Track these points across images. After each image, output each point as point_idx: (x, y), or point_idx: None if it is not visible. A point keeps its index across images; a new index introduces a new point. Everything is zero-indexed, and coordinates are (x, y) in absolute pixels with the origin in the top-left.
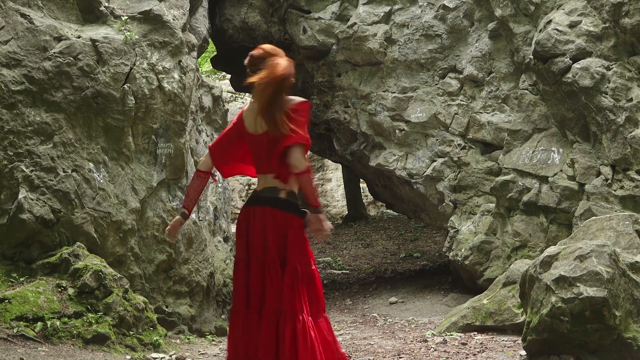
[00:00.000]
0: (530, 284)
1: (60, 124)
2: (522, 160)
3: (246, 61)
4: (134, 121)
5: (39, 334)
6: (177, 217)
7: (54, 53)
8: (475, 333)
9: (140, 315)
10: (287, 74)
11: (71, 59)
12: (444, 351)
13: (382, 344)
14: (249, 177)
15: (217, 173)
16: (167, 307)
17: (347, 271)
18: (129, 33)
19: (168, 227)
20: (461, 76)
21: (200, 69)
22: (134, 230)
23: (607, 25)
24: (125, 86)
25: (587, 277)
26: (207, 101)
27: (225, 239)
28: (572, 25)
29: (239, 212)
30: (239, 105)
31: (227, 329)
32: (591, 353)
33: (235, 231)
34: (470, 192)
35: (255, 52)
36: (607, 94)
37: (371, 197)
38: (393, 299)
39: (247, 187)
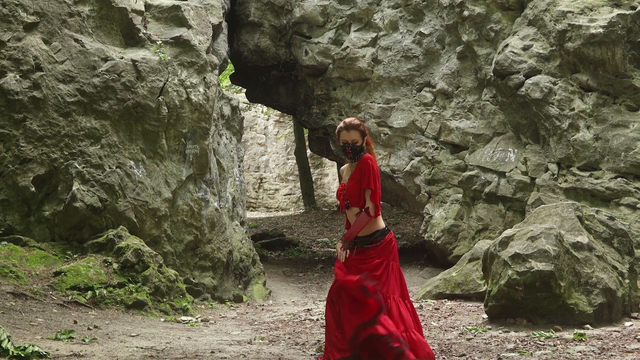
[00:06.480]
0: (491, 260)
1: (107, 129)
2: (484, 159)
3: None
4: (166, 127)
5: (89, 300)
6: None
7: (102, 71)
8: (446, 300)
9: (172, 286)
10: None
11: (115, 75)
12: (420, 315)
13: None
14: (262, 172)
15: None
16: (193, 278)
17: None
18: (162, 55)
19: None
20: (434, 90)
21: (221, 84)
22: (166, 216)
23: (553, 48)
24: (159, 98)
25: (537, 254)
26: (226, 110)
27: (242, 223)
28: (525, 48)
29: (253, 201)
30: (253, 114)
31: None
32: (541, 316)
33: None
34: (442, 184)
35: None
36: (553, 105)
37: None
38: None
39: (259, 181)
